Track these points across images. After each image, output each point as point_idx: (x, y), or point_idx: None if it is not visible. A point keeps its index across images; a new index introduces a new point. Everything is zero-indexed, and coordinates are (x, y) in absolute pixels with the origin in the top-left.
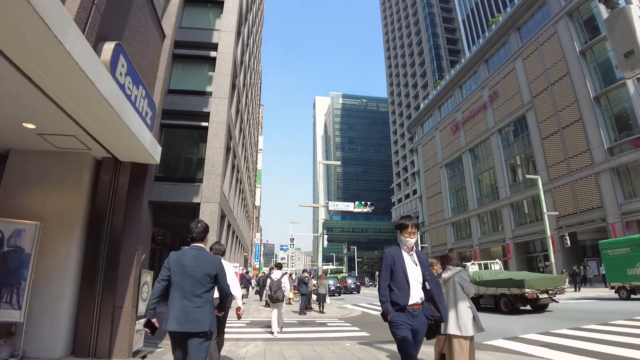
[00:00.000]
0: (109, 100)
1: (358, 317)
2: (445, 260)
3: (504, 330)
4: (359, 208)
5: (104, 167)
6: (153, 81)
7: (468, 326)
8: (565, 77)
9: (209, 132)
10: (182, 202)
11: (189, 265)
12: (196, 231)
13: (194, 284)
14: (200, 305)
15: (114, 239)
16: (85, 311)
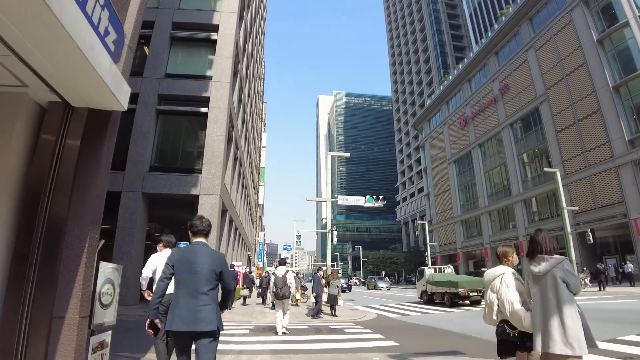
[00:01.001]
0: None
1: (375, 321)
2: (533, 246)
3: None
4: (370, 202)
5: (48, 117)
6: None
7: (581, 341)
8: (581, 67)
9: (209, 118)
10: (180, 194)
11: (195, 262)
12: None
13: (200, 281)
14: (207, 303)
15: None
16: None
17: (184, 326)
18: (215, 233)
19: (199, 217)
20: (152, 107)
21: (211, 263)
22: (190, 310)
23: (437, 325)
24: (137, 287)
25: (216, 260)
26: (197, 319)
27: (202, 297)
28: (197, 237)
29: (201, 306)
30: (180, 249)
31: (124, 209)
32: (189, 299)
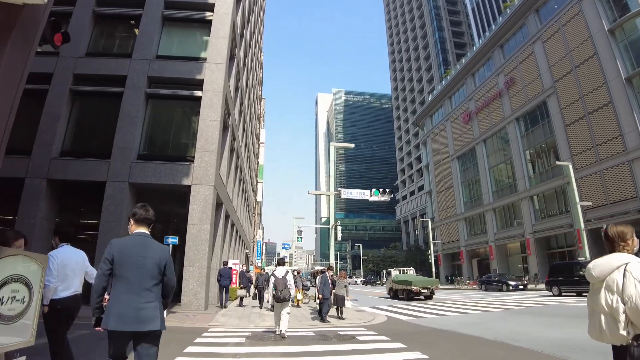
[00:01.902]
0: None
1: (387, 324)
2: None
3: None
4: (376, 196)
5: None
6: None
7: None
8: (592, 58)
9: (203, 102)
10: (170, 184)
11: (137, 255)
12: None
13: (143, 277)
14: (150, 301)
15: None
16: None
17: (123, 325)
18: (209, 228)
19: (141, 205)
20: (141, 90)
21: (154, 256)
22: (131, 308)
23: (461, 329)
24: None
25: (161, 254)
26: (139, 318)
27: (145, 293)
28: (140, 226)
29: (143, 303)
30: (119, 240)
31: (108, 200)
32: (130, 296)
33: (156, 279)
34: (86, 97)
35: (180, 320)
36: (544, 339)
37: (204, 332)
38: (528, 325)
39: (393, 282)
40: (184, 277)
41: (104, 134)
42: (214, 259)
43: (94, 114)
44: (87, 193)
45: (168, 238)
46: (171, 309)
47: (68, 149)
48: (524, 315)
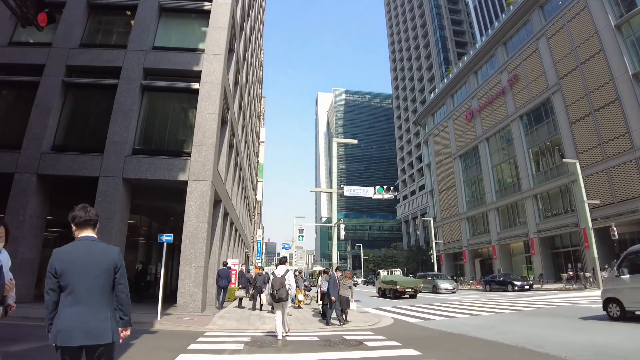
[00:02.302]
0: None
1: (394, 327)
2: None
3: None
4: (380, 193)
5: None
6: None
7: None
8: (598, 54)
9: (200, 95)
10: (165, 179)
11: (81, 263)
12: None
13: (90, 285)
14: (100, 311)
15: None
16: None
17: (70, 340)
18: (206, 225)
19: (81, 207)
20: (136, 82)
21: (103, 261)
22: (78, 321)
23: (476, 333)
24: None
25: (110, 257)
26: (88, 331)
27: (93, 304)
28: (83, 230)
29: (93, 315)
30: (61, 249)
31: (101, 196)
32: (78, 308)
33: (106, 287)
34: (79, 89)
35: (175, 323)
36: (573, 345)
37: (199, 336)
38: (548, 328)
39: (381, 282)
40: (180, 277)
41: (98, 127)
42: (211, 258)
43: (88, 106)
44: (80, 189)
45: (162, 236)
46: (166, 311)
47: (60, 144)
48: (539, 317)
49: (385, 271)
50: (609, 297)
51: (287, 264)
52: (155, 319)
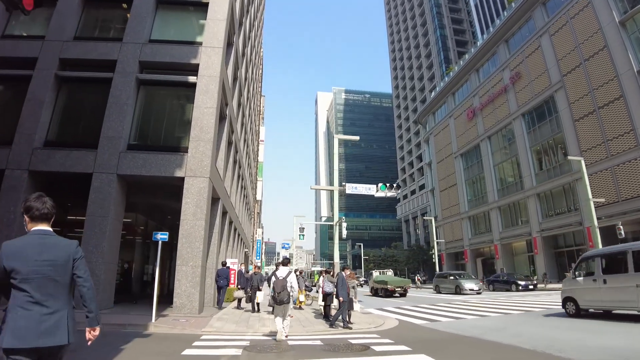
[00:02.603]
0: None
1: (401, 330)
2: None
3: None
4: (382, 191)
5: None
6: None
7: None
8: (602, 51)
9: (198, 88)
10: (161, 176)
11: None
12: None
13: (44, 282)
14: (56, 310)
15: None
16: None
17: (20, 342)
18: (203, 224)
19: (36, 197)
20: (131, 76)
21: (60, 255)
22: (33, 320)
23: (488, 336)
24: (111, 287)
25: (66, 250)
26: (41, 332)
27: (48, 301)
28: (38, 223)
29: (47, 314)
30: (11, 242)
31: (95, 193)
32: (31, 306)
33: (63, 283)
34: (73, 83)
35: (170, 325)
36: (595, 349)
37: (195, 340)
38: (563, 331)
39: (374, 282)
40: (176, 278)
41: (92, 122)
42: (209, 258)
43: (82, 101)
44: (74, 186)
45: (157, 234)
46: (162, 312)
47: (53, 139)
48: (551, 319)
49: (377, 271)
50: (566, 296)
51: (289, 265)
52: (150, 321)
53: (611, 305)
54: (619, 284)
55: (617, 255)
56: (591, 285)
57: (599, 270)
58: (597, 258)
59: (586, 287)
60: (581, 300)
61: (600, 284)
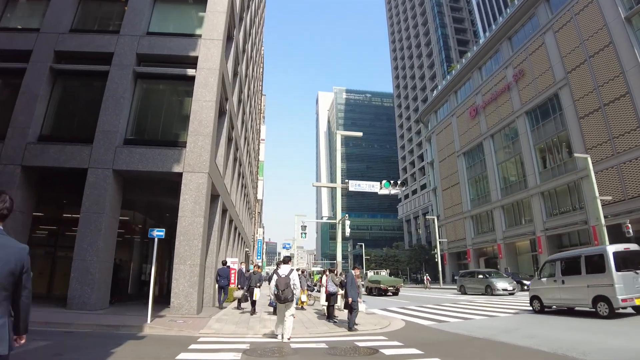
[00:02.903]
0: None
1: (408, 331)
2: None
3: None
4: (386, 188)
5: None
6: None
7: None
8: (607, 47)
9: (197, 81)
10: (158, 171)
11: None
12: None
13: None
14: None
15: None
16: None
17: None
18: (202, 220)
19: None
20: (128, 69)
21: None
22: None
23: (501, 337)
24: (106, 286)
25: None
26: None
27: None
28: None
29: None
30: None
31: (90, 189)
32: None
33: (8, 290)
34: (68, 76)
35: (167, 327)
36: (622, 352)
37: (192, 342)
38: (580, 332)
39: (369, 282)
40: (173, 277)
41: (88, 116)
42: (209, 257)
43: (77, 94)
44: (69, 182)
45: (153, 231)
46: (159, 313)
47: (47, 133)
48: (563, 319)
49: (372, 271)
50: (533, 295)
51: (290, 264)
52: (145, 322)
53: (568, 303)
54: (574, 284)
55: (573, 259)
56: (552, 285)
57: (559, 272)
58: (558, 261)
59: (548, 287)
60: (544, 298)
61: (560, 284)
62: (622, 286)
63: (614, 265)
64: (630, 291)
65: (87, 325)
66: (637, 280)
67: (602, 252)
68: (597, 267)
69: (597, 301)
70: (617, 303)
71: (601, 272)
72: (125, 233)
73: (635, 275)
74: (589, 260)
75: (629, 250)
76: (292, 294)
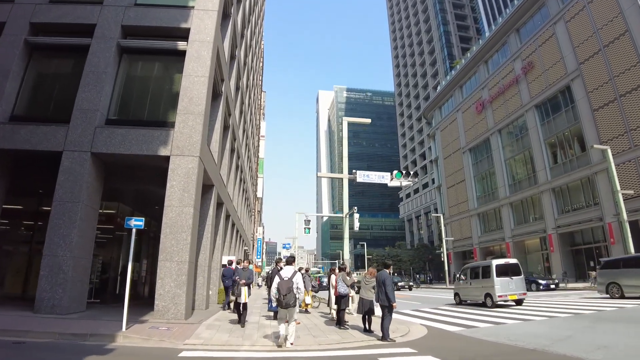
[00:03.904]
0: None
1: (434, 340)
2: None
3: None
4: (397, 179)
5: None
6: None
7: None
8: (623, 35)
9: (188, 55)
10: (143, 154)
11: None
12: None
13: None
14: None
15: None
16: None
17: None
18: (193, 211)
19: None
20: (112, 42)
21: None
22: None
23: (557, 348)
24: (82, 286)
25: None
26: None
27: None
28: None
29: None
30: None
31: (65, 175)
32: None
33: None
34: (46, 51)
35: (145, 335)
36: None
37: (171, 357)
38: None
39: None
40: (158, 275)
41: (67, 95)
42: (201, 254)
43: (55, 71)
44: (45, 170)
45: (130, 220)
46: (141, 318)
47: (20, 113)
48: (616, 323)
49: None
50: (455, 292)
51: (294, 265)
52: (119, 330)
53: (473, 298)
54: (475, 285)
55: (476, 267)
56: (466, 285)
57: (468, 277)
58: (468, 269)
59: (463, 287)
60: (461, 295)
61: (469, 285)
62: (500, 287)
63: (495, 273)
64: (505, 290)
65: (48, 334)
66: (510, 284)
67: (490, 264)
68: (487, 274)
69: (486, 297)
70: (496, 298)
71: (489, 277)
72: (116, 229)
73: (510, 280)
74: (484, 269)
75: (507, 264)
76: (294, 299)
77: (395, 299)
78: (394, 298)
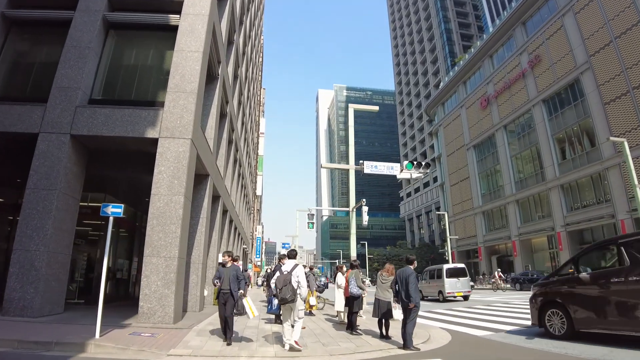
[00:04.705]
0: None
1: (464, 347)
2: None
3: None
4: (408, 170)
5: None
6: None
7: None
8: (635, 26)
9: (180, 29)
10: (128, 136)
11: None
12: None
13: None
14: None
15: None
16: None
17: None
18: (184, 200)
19: None
20: (97, 15)
21: None
22: None
23: None
24: (59, 285)
25: None
26: None
27: None
28: None
29: None
30: None
31: (40, 159)
32: None
33: None
34: (25, 26)
35: (124, 343)
36: None
37: None
38: None
39: None
40: (143, 273)
41: (46, 73)
42: (195, 250)
43: (35, 48)
44: (23, 157)
45: (107, 206)
46: (123, 321)
47: None
48: None
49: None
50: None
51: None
52: (92, 337)
53: (432, 295)
54: (433, 284)
55: (434, 269)
56: (427, 284)
57: (429, 277)
58: (428, 271)
59: (425, 285)
60: (424, 292)
61: (429, 284)
62: (448, 286)
63: (445, 274)
64: (453, 289)
65: (5, 342)
66: (457, 283)
67: (442, 268)
68: (440, 276)
69: (439, 294)
70: (445, 295)
71: (441, 278)
72: (106, 225)
73: (457, 280)
74: (438, 272)
75: (455, 267)
76: (290, 293)
77: (419, 300)
78: (417, 298)
